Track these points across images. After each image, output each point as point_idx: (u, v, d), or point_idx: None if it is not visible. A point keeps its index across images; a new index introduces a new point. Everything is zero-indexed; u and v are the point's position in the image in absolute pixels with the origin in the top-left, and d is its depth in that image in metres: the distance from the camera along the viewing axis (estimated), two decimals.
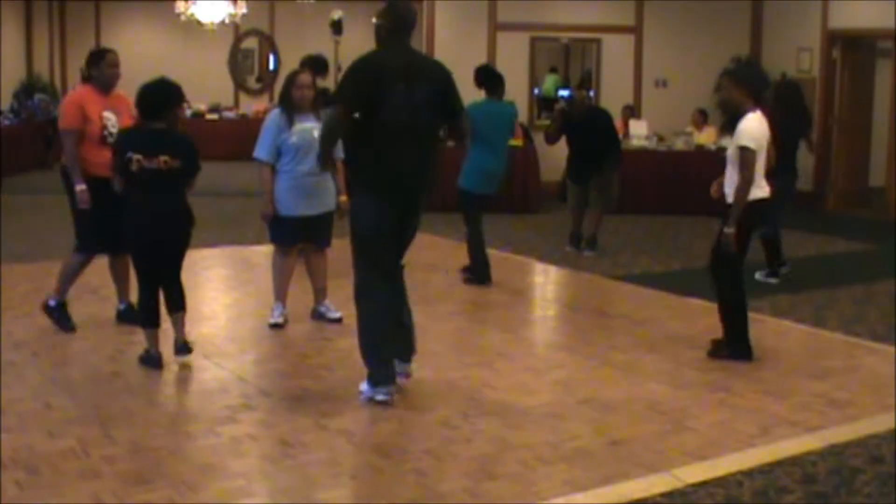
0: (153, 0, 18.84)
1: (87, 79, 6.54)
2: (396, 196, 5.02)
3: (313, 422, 4.85)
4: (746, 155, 5.81)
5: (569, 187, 10.06)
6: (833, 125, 13.30)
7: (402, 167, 4.99)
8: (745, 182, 5.82)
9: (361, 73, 4.93)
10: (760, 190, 5.91)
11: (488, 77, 8.31)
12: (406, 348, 5.29)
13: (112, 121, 6.26)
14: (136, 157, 5.44)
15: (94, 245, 6.44)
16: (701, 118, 13.27)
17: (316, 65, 8.17)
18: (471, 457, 4.45)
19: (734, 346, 6.02)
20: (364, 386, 5.13)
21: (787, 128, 7.91)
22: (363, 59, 5.02)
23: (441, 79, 5.08)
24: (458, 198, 8.14)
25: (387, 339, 5.11)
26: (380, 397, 5.05)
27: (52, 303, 6.47)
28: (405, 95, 4.90)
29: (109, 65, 6.30)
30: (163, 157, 5.45)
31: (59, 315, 6.43)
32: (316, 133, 6.42)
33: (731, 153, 5.94)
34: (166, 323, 5.78)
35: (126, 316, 6.57)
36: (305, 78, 6.44)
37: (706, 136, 12.90)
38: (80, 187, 6.19)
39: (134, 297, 6.93)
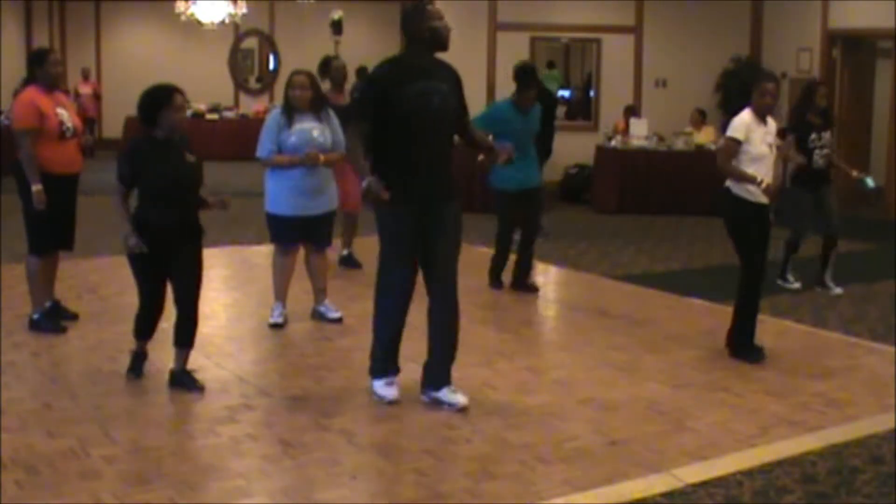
0: (153, 0, 18.85)
1: (30, 79, 6.47)
2: None
3: (313, 422, 4.85)
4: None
5: None
6: (833, 125, 13.28)
7: None
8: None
9: None
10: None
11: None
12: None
13: (65, 116, 6.30)
14: None
15: (48, 243, 6.45)
16: (700, 118, 13.29)
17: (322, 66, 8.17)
18: (471, 457, 4.45)
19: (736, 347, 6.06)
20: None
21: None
22: None
23: None
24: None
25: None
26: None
27: (35, 316, 6.47)
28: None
29: (52, 64, 6.31)
30: None
31: (46, 325, 6.41)
32: (315, 133, 6.44)
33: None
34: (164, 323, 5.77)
35: (50, 313, 6.52)
36: (300, 79, 6.45)
37: (705, 136, 12.92)
38: (37, 187, 6.17)
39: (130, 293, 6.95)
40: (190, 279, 5.27)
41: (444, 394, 5.06)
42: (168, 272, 5.25)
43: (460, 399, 5.04)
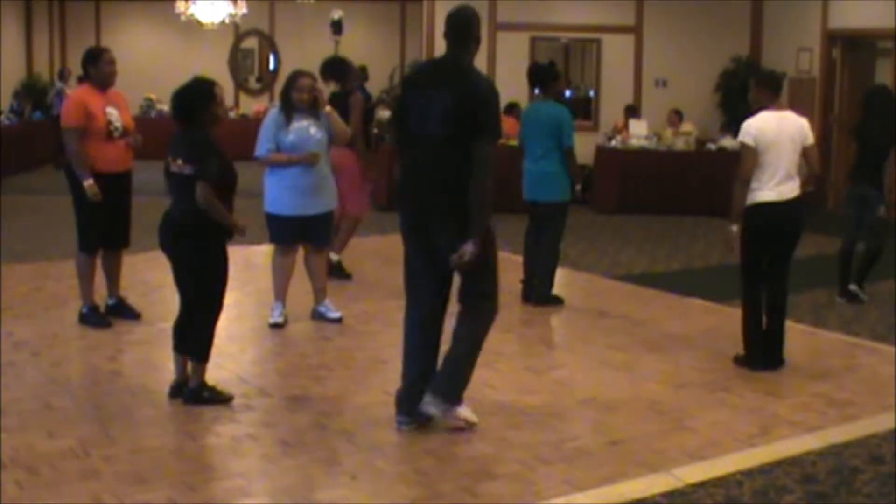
0: (153, 0, 18.84)
1: (84, 78, 6.61)
2: (404, 209, 4.82)
3: (313, 422, 4.85)
4: (741, 151, 5.79)
5: None
6: (833, 125, 13.30)
7: (411, 180, 4.76)
8: (736, 178, 5.78)
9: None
10: (761, 193, 5.71)
11: (534, 74, 7.95)
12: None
13: (115, 116, 6.35)
14: (169, 159, 5.11)
15: (96, 241, 6.47)
16: (676, 117, 13.34)
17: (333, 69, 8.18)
18: (471, 457, 4.45)
19: (744, 353, 5.92)
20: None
21: (873, 136, 7.69)
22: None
23: (450, 89, 4.60)
24: None
25: (409, 361, 4.81)
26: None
27: (84, 310, 6.54)
28: (409, 104, 4.76)
29: (106, 62, 6.39)
30: (178, 160, 5.01)
31: (93, 319, 6.48)
32: (313, 131, 6.45)
33: None
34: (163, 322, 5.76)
35: (114, 311, 6.63)
36: (306, 81, 6.46)
37: (692, 136, 13.03)
38: (89, 182, 6.22)
39: (131, 293, 6.96)
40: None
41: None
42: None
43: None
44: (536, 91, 7.88)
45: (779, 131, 5.73)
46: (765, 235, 5.78)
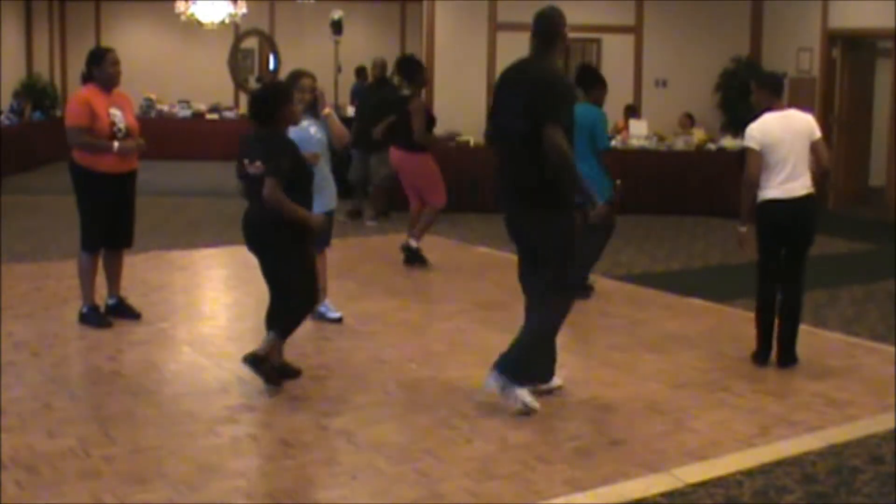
0: (153, 0, 18.85)
1: (88, 78, 6.62)
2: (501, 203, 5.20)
3: (313, 422, 4.85)
4: (746, 155, 5.84)
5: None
6: (833, 125, 13.30)
7: (499, 174, 5.15)
8: (743, 182, 5.85)
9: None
10: (767, 191, 5.76)
11: (579, 77, 8.03)
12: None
13: (118, 117, 6.37)
14: (245, 161, 5.33)
15: (98, 241, 6.47)
16: (688, 121, 13.33)
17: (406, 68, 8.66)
18: (471, 457, 4.45)
19: (755, 350, 5.96)
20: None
21: None
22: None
23: (527, 84, 4.95)
24: None
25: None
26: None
27: (84, 310, 6.54)
28: (497, 101, 5.11)
29: (111, 63, 6.42)
30: (256, 163, 5.24)
31: (93, 319, 6.49)
32: (313, 131, 6.45)
33: None
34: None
35: (114, 311, 6.63)
36: (308, 82, 6.46)
37: (696, 138, 12.98)
38: (115, 145, 6.28)
39: (131, 293, 6.96)
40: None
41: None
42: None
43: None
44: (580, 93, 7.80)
45: (783, 130, 5.76)
46: (773, 233, 5.84)
